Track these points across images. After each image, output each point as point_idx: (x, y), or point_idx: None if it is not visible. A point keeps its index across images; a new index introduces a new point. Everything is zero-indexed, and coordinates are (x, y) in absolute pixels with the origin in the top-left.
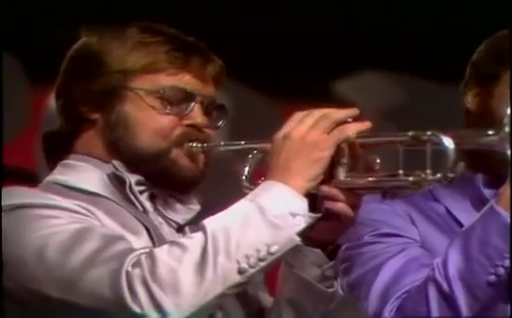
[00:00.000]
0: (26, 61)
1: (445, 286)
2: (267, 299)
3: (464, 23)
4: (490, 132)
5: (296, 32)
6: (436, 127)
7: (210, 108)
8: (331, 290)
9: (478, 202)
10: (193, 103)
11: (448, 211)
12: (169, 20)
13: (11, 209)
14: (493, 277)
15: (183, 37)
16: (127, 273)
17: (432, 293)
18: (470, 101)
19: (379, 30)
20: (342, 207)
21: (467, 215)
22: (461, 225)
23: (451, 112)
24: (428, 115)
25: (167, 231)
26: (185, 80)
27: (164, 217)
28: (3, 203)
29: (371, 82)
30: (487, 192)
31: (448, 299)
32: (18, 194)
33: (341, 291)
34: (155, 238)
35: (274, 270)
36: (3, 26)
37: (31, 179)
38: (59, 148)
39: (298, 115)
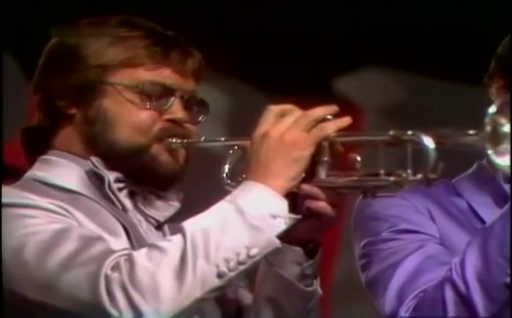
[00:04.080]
0: (24, 60)
1: (462, 287)
2: (246, 297)
3: (465, 21)
4: (471, 132)
5: (296, 32)
6: (436, 125)
7: (191, 103)
8: (310, 288)
9: (499, 198)
10: (173, 98)
11: (470, 206)
12: (168, 20)
13: None
14: (509, 279)
15: (162, 31)
16: (106, 276)
17: (449, 294)
18: (494, 93)
19: (379, 28)
20: (322, 206)
21: (488, 210)
22: (482, 221)
23: (451, 110)
24: (429, 112)
25: (145, 229)
26: (165, 75)
27: (144, 214)
28: None
29: (371, 80)
30: (508, 187)
31: (464, 300)
32: None
33: (319, 291)
34: (133, 239)
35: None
36: (3, 26)
37: None
38: (38, 144)
39: (274, 110)
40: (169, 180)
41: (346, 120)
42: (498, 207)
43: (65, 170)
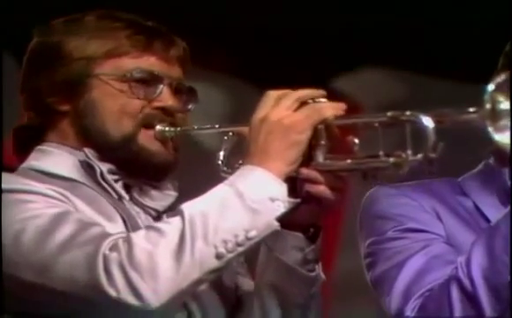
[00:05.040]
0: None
1: (468, 286)
2: (247, 284)
3: (465, 21)
4: (470, 110)
5: (296, 32)
6: None
7: (179, 90)
8: (313, 273)
9: (505, 197)
10: (162, 86)
11: (476, 206)
12: (168, 21)
13: None
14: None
15: (142, 22)
16: (104, 256)
17: (455, 292)
18: None
19: (379, 28)
20: (322, 189)
21: (494, 210)
22: (487, 220)
23: (451, 108)
24: (429, 112)
25: (144, 220)
26: (150, 62)
27: (142, 206)
28: None
29: (371, 80)
30: None
31: (470, 298)
32: None
33: (322, 275)
34: (131, 228)
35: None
36: (3, 26)
37: None
38: (30, 142)
39: (272, 94)
40: (163, 170)
41: (342, 106)
42: (504, 206)
43: (61, 159)
